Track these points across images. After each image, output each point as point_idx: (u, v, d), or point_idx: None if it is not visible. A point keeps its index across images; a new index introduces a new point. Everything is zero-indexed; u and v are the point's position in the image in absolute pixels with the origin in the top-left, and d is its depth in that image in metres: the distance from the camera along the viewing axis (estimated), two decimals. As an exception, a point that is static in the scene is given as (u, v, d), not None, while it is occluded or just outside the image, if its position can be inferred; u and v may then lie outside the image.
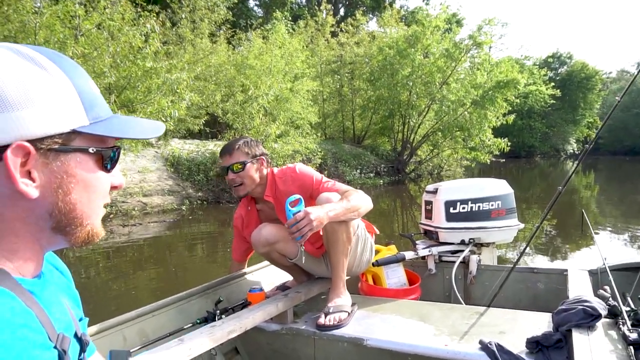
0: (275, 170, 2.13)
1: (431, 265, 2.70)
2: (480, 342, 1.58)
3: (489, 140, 14.90)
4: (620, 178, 20.74)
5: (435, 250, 2.67)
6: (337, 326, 1.86)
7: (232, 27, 12.12)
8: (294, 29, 15.36)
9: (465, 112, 14.54)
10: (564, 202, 9.03)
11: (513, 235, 2.71)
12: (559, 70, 42.44)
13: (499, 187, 2.68)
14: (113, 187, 0.68)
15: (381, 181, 14.83)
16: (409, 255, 2.60)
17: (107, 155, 0.64)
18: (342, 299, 1.98)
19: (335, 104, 17.95)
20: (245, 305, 2.07)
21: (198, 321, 1.92)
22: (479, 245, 2.67)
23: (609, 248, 5.75)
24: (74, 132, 0.59)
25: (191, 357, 1.47)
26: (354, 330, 1.82)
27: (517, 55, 31.92)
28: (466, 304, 2.30)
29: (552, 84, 26.05)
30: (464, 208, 2.61)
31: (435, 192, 2.71)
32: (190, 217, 8.13)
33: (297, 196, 1.78)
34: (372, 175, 15.18)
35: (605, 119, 2.14)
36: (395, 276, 2.53)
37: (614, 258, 2.37)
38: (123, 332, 1.72)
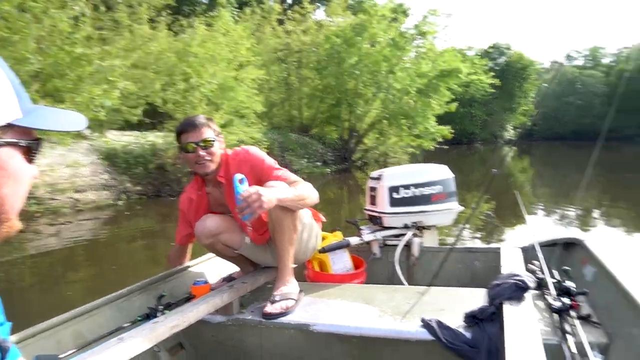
0: (229, 151, 2.10)
1: (375, 249, 2.74)
2: (422, 320, 1.63)
3: (433, 128, 15.39)
4: (552, 162, 22.19)
5: (380, 234, 2.72)
6: (283, 314, 1.85)
7: (175, 14, 11.64)
8: (239, 17, 15.03)
9: (410, 101, 14.91)
10: (501, 185, 9.50)
11: (453, 218, 2.78)
12: (498, 61, 44.40)
13: (440, 172, 2.76)
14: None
15: (328, 170, 14.93)
16: (354, 240, 2.62)
17: (33, 147, 0.63)
18: (289, 287, 1.98)
19: (282, 92, 17.75)
20: (189, 299, 2.01)
21: (139, 318, 1.85)
22: (421, 228, 2.72)
23: (540, 226, 6.14)
24: (8, 125, 0.58)
25: (132, 356, 1.40)
26: (301, 316, 1.83)
27: (460, 46, 33.15)
28: (409, 285, 2.37)
29: (492, 73, 27.33)
30: (406, 193, 2.66)
31: (379, 178, 2.75)
32: (128, 213, 7.74)
33: (242, 175, 1.75)
34: (319, 164, 15.23)
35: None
36: (340, 262, 2.56)
37: (543, 235, 2.52)
38: (56, 336, 1.63)
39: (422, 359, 1.62)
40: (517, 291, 1.56)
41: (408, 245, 2.67)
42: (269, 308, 1.88)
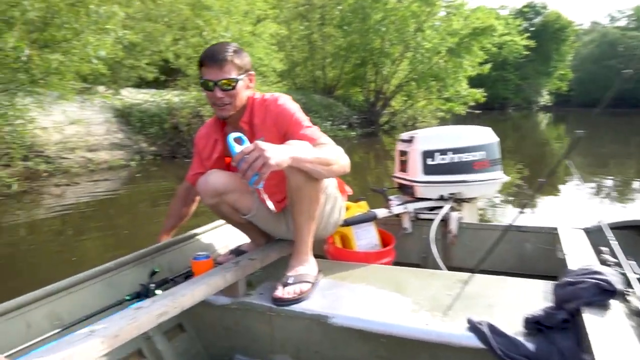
0: (257, 95, 1.77)
1: (406, 224, 2.43)
2: (469, 321, 1.29)
3: (464, 91, 14.61)
4: (594, 130, 20.92)
5: (411, 206, 2.40)
6: (296, 300, 1.56)
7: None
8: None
9: (441, 61, 14.09)
10: (544, 153, 8.87)
11: (496, 189, 2.45)
12: (533, 21, 41.97)
13: (483, 135, 2.40)
14: None
15: (354, 133, 14.37)
16: (381, 213, 2.30)
17: None
18: (306, 267, 1.68)
19: (305, 51, 17.04)
20: (188, 275, 1.74)
21: (128, 297, 1.58)
22: (459, 200, 2.38)
23: (601, 203, 5.22)
24: None
25: (115, 346, 1.14)
26: (318, 304, 1.53)
27: (493, 5, 31.20)
28: (447, 268, 2.06)
29: (527, 34, 25.72)
30: (443, 159, 2.33)
31: (410, 140, 2.41)
32: (141, 175, 7.36)
33: (239, 134, 1.41)
34: (344, 127, 14.69)
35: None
36: (366, 237, 2.22)
37: (608, 215, 2.13)
38: (27, 317, 1.36)
39: None
40: (600, 295, 1.19)
41: (444, 220, 2.34)
42: (280, 292, 1.58)
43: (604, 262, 1.53)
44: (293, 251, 1.71)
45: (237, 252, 1.97)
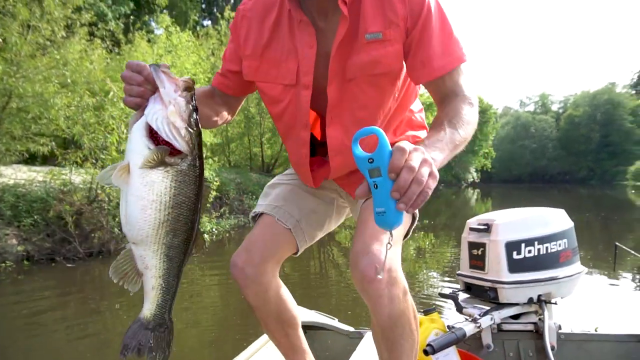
0: None
1: (488, 339, 1.81)
2: None
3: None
4: (512, 204, 20.96)
5: (498, 316, 1.81)
6: None
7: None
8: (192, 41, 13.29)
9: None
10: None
11: (577, 286, 1.94)
12: (457, 104, 44.95)
13: (561, 220, 1.95)
14: None
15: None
16: (468, 329, 1.65)
17: None
18: None
19: (240, 127, 15.74)
20: None
21: None
22: (548, 303, 1.85)
23: None
24: None
25: None
26: None
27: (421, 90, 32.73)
28: None
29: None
30: (529, 251, 1.84)
31: (487, 229, 1.89)
32: None
33: (375, 128, 0.68)
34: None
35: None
36: None
37: None
38: None
39: None
40: None
41: (536, 332, 1.86)
42: None
43: None
44: None
45: None
